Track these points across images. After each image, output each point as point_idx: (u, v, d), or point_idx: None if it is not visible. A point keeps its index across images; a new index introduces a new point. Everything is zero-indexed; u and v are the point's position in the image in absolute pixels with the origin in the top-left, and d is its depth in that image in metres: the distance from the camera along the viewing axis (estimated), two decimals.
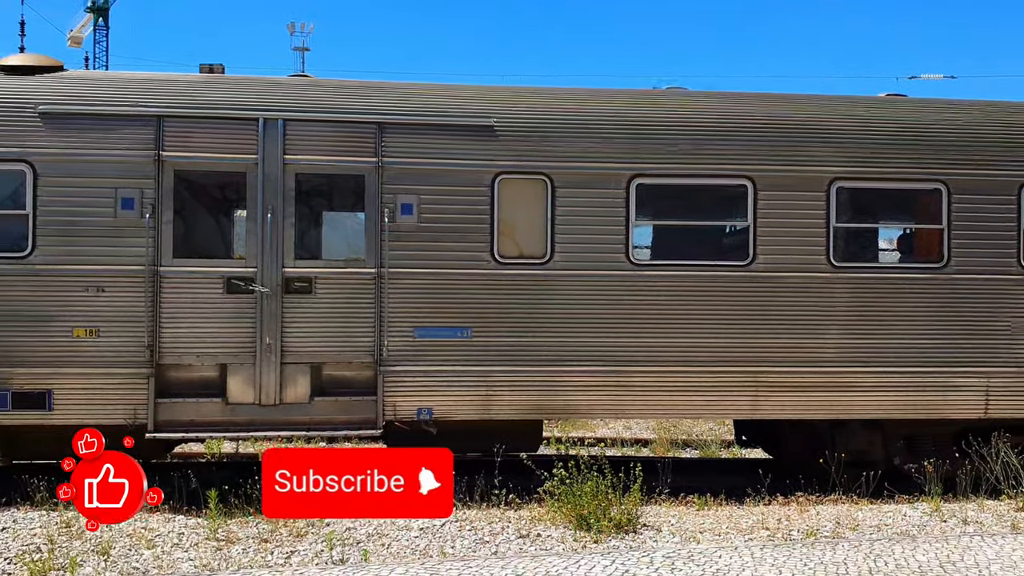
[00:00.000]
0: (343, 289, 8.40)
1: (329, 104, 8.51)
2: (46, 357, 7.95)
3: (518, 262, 8.51)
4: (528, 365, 8.42)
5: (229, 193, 8.93)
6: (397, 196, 8.40)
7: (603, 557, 6.45)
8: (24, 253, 7.98)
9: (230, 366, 8.26)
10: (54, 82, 8.30)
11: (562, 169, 8.53)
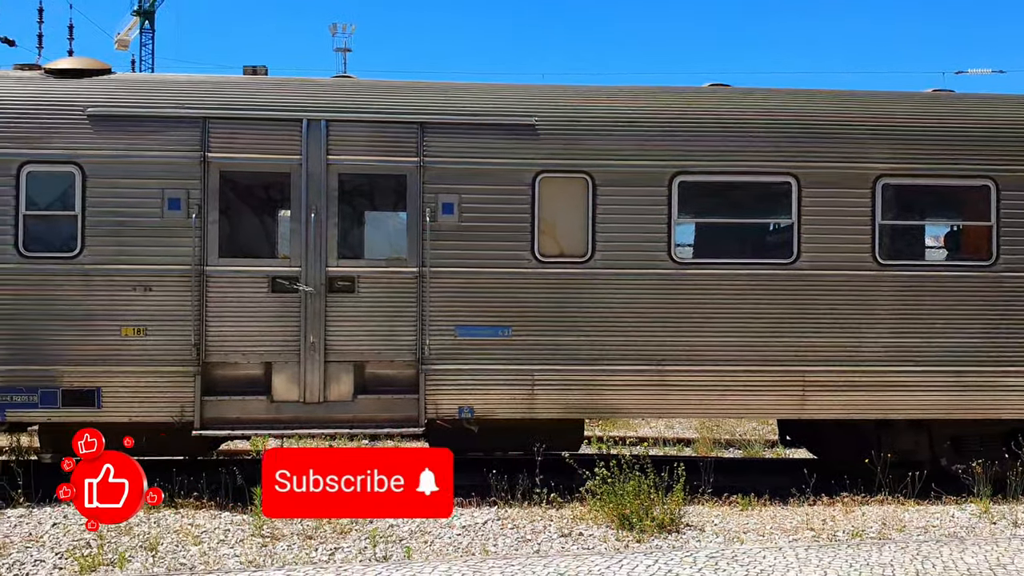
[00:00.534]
0: (385, 288, 8.46)
1: (371, 104, 8.57)
2: (95, 355, 8.10)
3: (559, 261, 8.51)
4: (569, 364, 8.41)
5: (273, 193, 9.04)
6: (438, 195, 8.43)
7: (646, 557, 6.43)
8: (73, 253, 8.13)
9: (275, 364, 8.36)
10: (102, 85, 8.44)
11: (603, 167, 8.51)
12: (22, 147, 8.11)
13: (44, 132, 8.14)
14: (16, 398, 8.05)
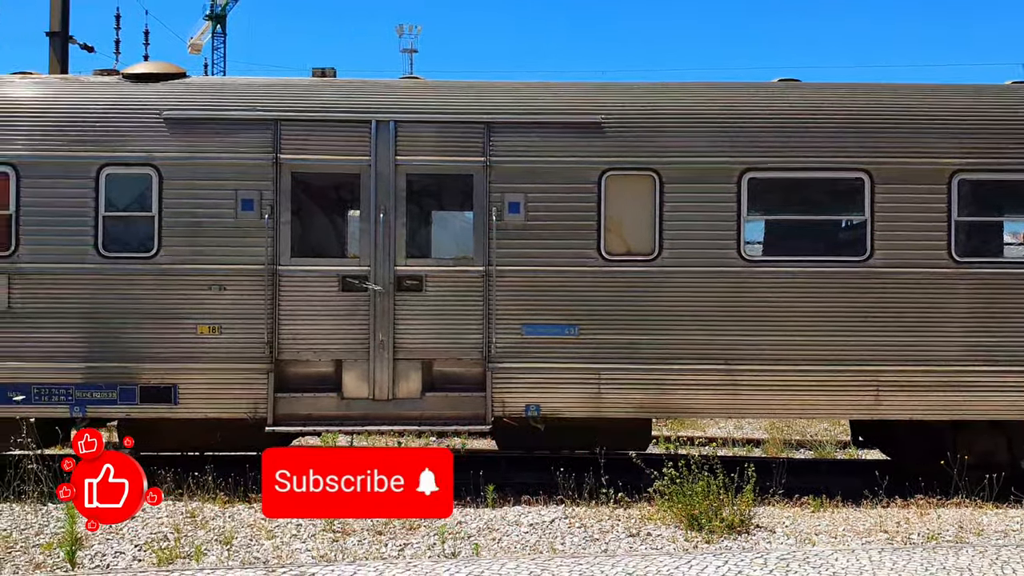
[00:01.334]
0: (452, 287, 8.52)
1: (438, 105, 8.64)
2: (172, 353, 8.32)
3: (625, 259, 8.47)
4: (637, 363, 8.37)
5: (343, 194, 9.17)
6: (504, 195, 8.47)
7: (715, 558, 6.37)
8: (151, 253, 8.36)
9: (345, 362, 8.48)
10: (177, 89, 8.66)
11: (671, 164, 8.45)
12: (101, 150, 8.36)
13: (122, 135, 8.39)
14: (96, 395, 8.31)
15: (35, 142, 8.37)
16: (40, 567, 6.31)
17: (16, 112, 8.46)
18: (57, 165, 8.34)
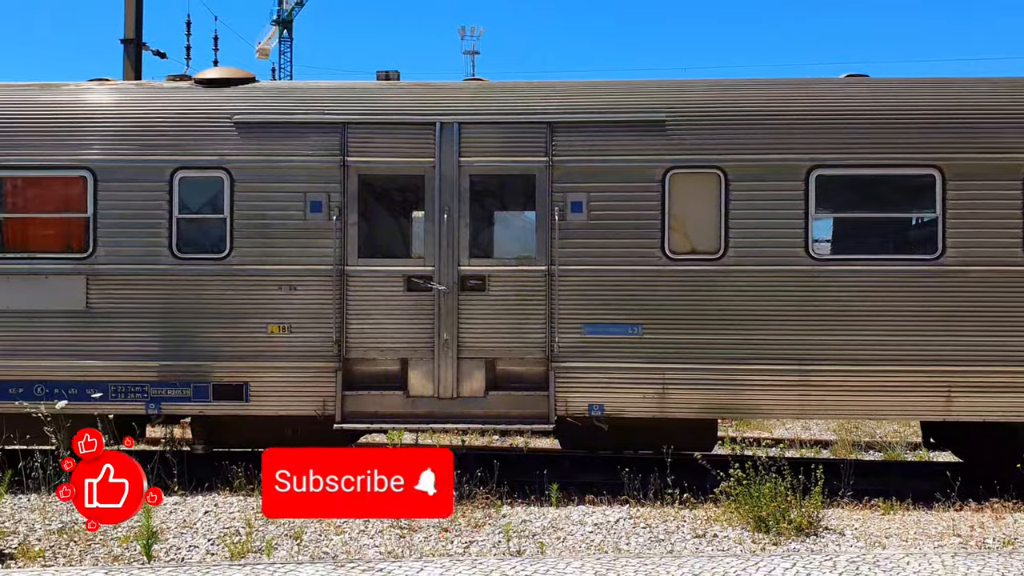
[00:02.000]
0: (515, 286, 8.57)
1: (501, 106, 8.69)
2: (243, 352, 8.51)
3: (690, 258, 8.42)
4: (703, 363, 8.31)
5: (408, 195, 9.26)
6: (567, 194, 8.48)
7: (783, 560, 6.29)
8: (223, 254, 8.56)
9: (410, 360, 8.58)
10: (247, 93, 8.85)
11: (736, 162, 8.38)
12: (175, 154, 8.59)
13: (195, 139, 8.61)
14: (170, 392, 8.55)
15: (111, 147, 8.63)
16: (118, 559, 6.51)
17: (93, 118, 8.74)
18: (133, 169, 8.59)
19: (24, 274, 8.58)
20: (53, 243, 8.77)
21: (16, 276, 8.58)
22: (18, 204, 8.87)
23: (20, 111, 8.74)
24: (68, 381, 8.47)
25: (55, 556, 6.54)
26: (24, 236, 8.82)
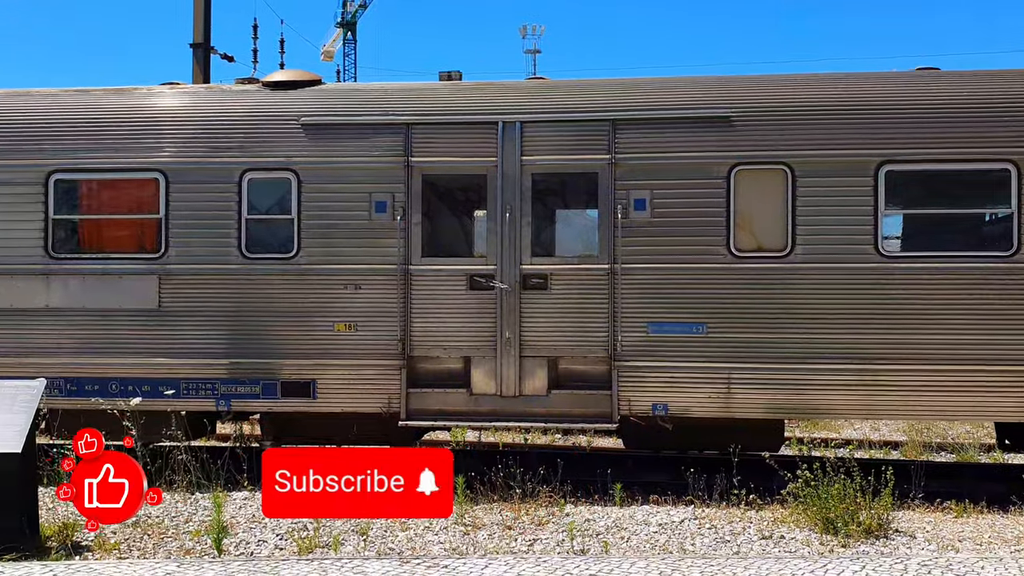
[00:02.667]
0: (577, 285, 8.56)
1: (563, 104, 8.69)
2: (310, 349, 8.64)
3: (756, 255, 8.32)
4: (769, 362, 8.21)
5: (471, 194, 9.32)
6: (630, 192, 8.45)
7: (852, 562, 6.18)
8: (290, 254, 8.71)
9: (473, 359, 8.63)
10: (313, 95, 8.99)
11: (803, 158, 8.25)
12: (244, 155, 8.77)
13: (263, 141, 8.77)
14: (240, 389, 8.73)
15: (182, 149, 8.85)
16: (190, 553, 6.67)
17: (165, 121, 8.96)
18: (203, 171, 8.79)
19: (99, 274, 8.83)
20: (127, 244, 9.02)
21: (92, 276, 8.84)
22: (93, 206, 9.15)
23: (95, 115, 9.00)
24: (142, 378, 8.71)
25: (130, 549, 6.72)
26: (99, 237, 9.09)
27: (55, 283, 8.87)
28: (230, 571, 5.75)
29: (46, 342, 8.86)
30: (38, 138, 8.95)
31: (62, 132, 8.95)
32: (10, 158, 8.92)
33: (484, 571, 5.83)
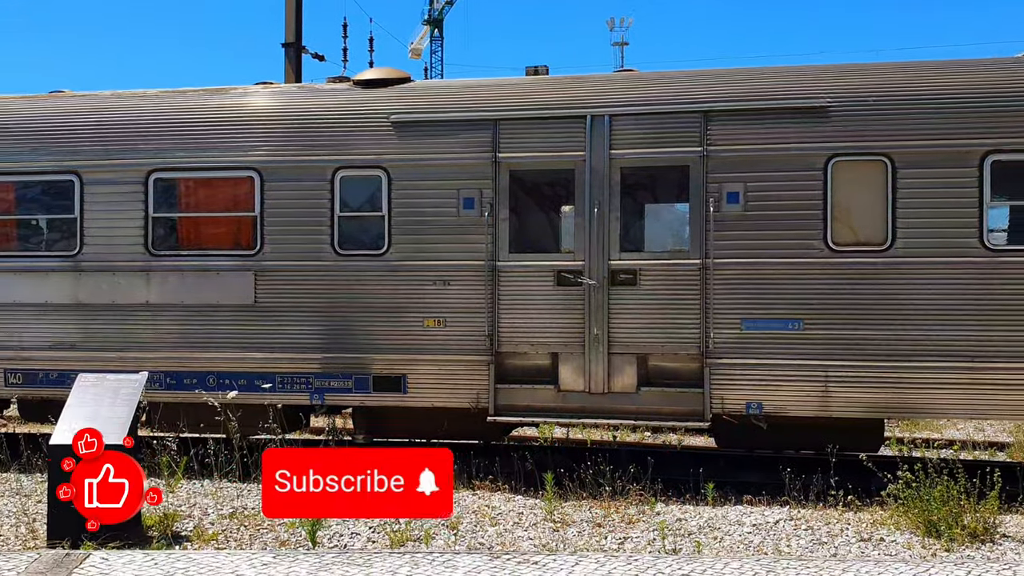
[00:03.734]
0: (667, 281, 8.43)
1: (653, 97, 8.57)
2: (401, 344, 8.73)
3: (854, 249, 8.07)
4: (869, 360, 7.95)
5: (558, 189, 9.27)
6: (723, 185, 8.28)
7: (956, 567, 5.94)
8: (381, 251, 8.80)
9: (561, 355, 8.59)
10: (403, 93, 9.06)
11: (904, 148, 7.97)
12: (336, 153, 8.89)
13: (355, 139, 8.88)
14: (333, 383, 8.86)
15: (276, 148, 9.02)
16: (285, 544, 6.79)
17: (259, 120, 9.15)
18: (296, 169, 8.95)
19: (197, 270, 9.08)
20: (223, 241, 9.24)
21: (190, 272, 9.09)
22: (191, 204, 9.40)
23: (193, 115, 9.25)
24: (238, 372, 8.92)
25: (227, 540, 6.89)
26: (197, 234, 9.33)
27: (155, 279, 9.15)
28: (324, 563, 5.84)
29: (146, 337, 9.15)
30: (139, 138, 9.23)
31: (162, 132, 9.21)
32: (114, 158, 9.23)
33: (574, 568, 5.79)
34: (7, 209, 9.62)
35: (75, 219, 9.30)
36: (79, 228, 9.28)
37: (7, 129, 9.49)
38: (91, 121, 9.39)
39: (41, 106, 9.67)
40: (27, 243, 9.65)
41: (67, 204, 9.35)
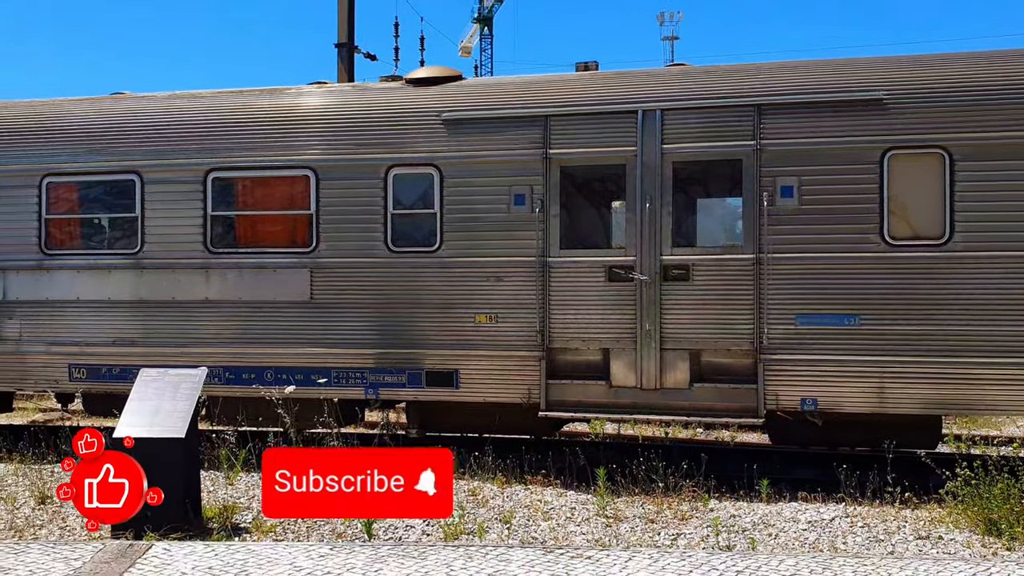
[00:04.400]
0: (720, 276, 8.38)
1: (705, 90, 8.52)
2: (453, 340, 8.79)
3: (911, 243, 7.95)
4: (926, 355, 7.82)
5: (609, 185, 9.27)
6: (776, 179, 8.21)
7: (1018, 566, 5.83)
8: (433, 248, 8.88)
9: (612, 351, 8.58)
10: (454, 91, 9.12)
11: (962, 141, 7.82)
12: (389, 152, 8.98)
13: (407, 137, 8.96)
14: (387, 378, 8.97)
15: (330, 147, 9.14)
16: (341, 536, 6.89)
17: (313, 120, 9.28)
18: (350, 167, 9.06)
19: (255, 267, 9.24)
20: (280, 238, 9.39)
21: (248, 269, 9.26)
22: (248, 202, 9.56)
23: (249, 115, 9.41)
24: (295, 367, 9.07)
25: (284, 532, 7.01)
26: (254, 232, 9.49)
27: (214, 276, 9.34)
28: (380, 555, 5.92)
29: (206, 333, 9.35)
30: (198, 138, 9.42)
31: (219, 132, 9.39)
32: (173, 158, 9.44)
33: (627, 564, 5.80)
34: (70, 209, 9.89)
35: (136, 218, 9.52)
36: (140, 226, 9.51)
37: (70, 131, 9.75)
38: (151, 122, 9.61)
39: (102, 108, 9.91)
40: (90, 241, 9.90)
41: (128, 203, 9.58)
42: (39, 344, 9.69)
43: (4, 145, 9.85)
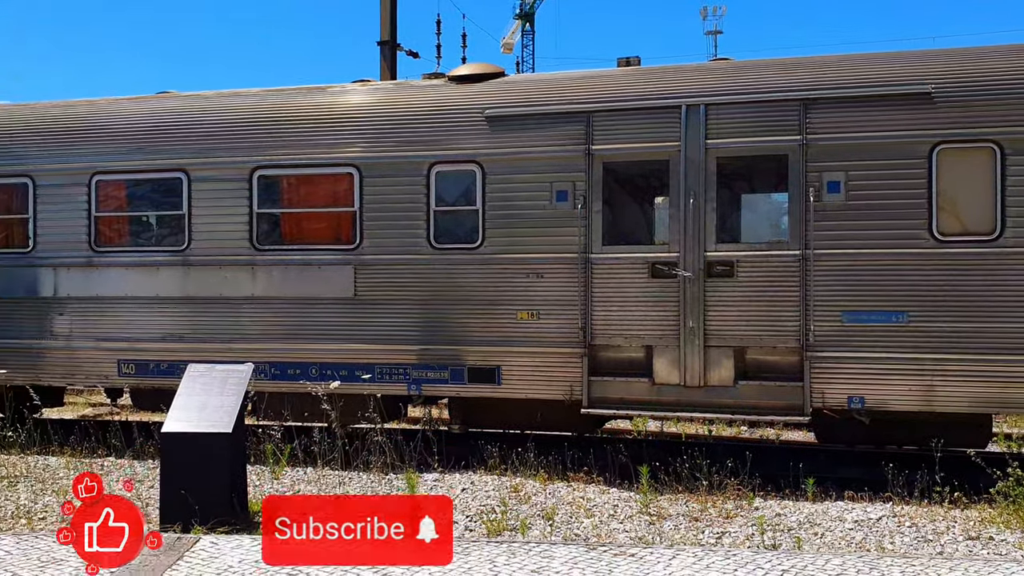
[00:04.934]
0: (765, 272, 8.30)
1: (749, 85, 8.43)
2: (495, 336, 8.80)
3: (961, 239, 7.81)
4: (976, 353, 7.68)
5: (652, 181, 9.21)
6: (823, 174, 8.11)
7: None
8: (475, 244, 8.89)
9: (655, 348, 8.54)
10: (496, 87, 9.13)
11: (1015, 135, 7.66)
12: (432, 149, 9.02)
13: (450, 134, 8.99)
14: (429, 374, 9.01)
15: (374, 144, 9.19)
16: None
17: (357, 117, 9.34)
18: (393, 165, 9.11)
19: (300, 264, 9.34)
20: (324, 235, 9.47)
21: (293, 266, 9.35)
22: (293, 200, 9.66)
23: (294, 113, 9.49)
24: (339, 363, 9.14)
25: None
26: (299, 229, 9.59)
27: (259, 273, 9.45)
28: None
29: (252, 329, 9.46)
30: (243, 136, 9.54)
31: (264, 130, 9.50)
32: (219, 156, 9.56)
33: (671, 562, 5.78)
34: (119, 206, 10.06)
35: (183, 215, 9.66)
36: (187, 224, 9.65)
37: (117, 130, 9.91)
38: (197, 120, 9.74)
39: (149, 107, 10.07)
40: (138, 238, 10.06)
41: (175, 201, 9.72)
42: (89, 340, 9.87)
43: (53, 144, 10.04)
